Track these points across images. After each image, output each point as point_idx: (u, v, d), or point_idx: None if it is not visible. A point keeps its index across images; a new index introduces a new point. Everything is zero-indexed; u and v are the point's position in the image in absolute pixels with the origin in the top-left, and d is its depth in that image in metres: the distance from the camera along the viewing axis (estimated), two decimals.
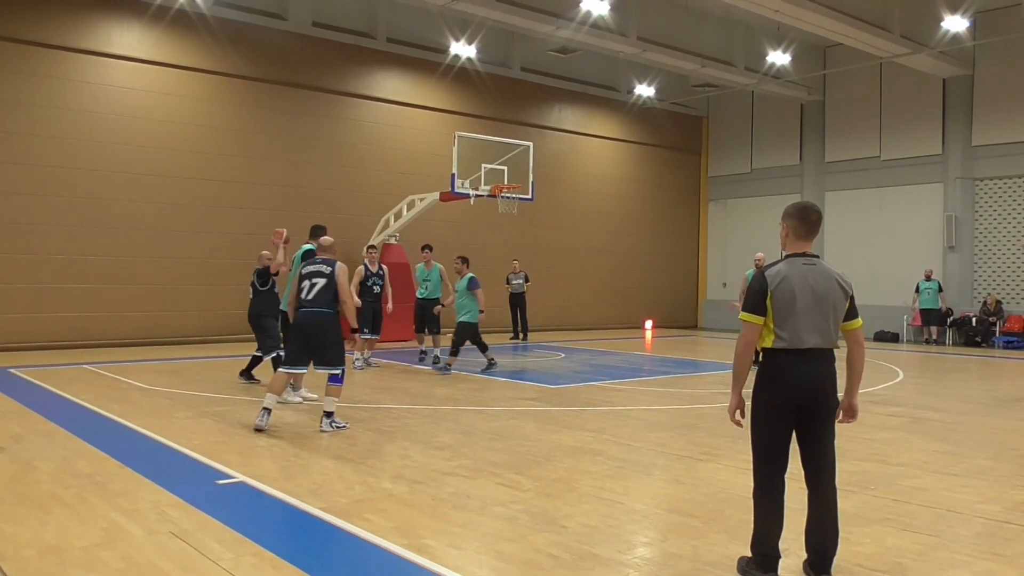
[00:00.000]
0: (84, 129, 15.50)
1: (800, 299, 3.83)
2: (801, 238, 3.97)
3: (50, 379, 10.90)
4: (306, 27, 18.18)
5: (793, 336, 3.83)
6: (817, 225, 3.99)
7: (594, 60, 22.51)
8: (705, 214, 26.71)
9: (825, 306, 3.85)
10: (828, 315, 3.86)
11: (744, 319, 3.95)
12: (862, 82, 22.34)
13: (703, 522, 4.92)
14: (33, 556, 4.21)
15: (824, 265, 3.93)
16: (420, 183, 18.46)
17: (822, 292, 3.85)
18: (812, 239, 3.99)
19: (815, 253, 4.00)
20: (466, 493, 5.50)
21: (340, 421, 7.70)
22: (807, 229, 3.96)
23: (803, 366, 3.85)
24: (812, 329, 3.83)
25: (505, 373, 11.60)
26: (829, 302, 3.86)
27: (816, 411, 3.87)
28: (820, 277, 3.87)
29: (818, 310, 3.84)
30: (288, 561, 4.14)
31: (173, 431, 7.49)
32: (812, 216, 3.98)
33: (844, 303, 3.92)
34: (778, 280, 3.86)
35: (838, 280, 3.91)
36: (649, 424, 8.30)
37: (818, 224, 3.99)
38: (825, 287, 3.86)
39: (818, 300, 3.84)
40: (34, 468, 6.07)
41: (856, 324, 3.99)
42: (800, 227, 3.97)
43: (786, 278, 3.85)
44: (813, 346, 3.84)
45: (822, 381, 3.87)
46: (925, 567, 4.21)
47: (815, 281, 3.86)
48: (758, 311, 3.89)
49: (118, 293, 15.81)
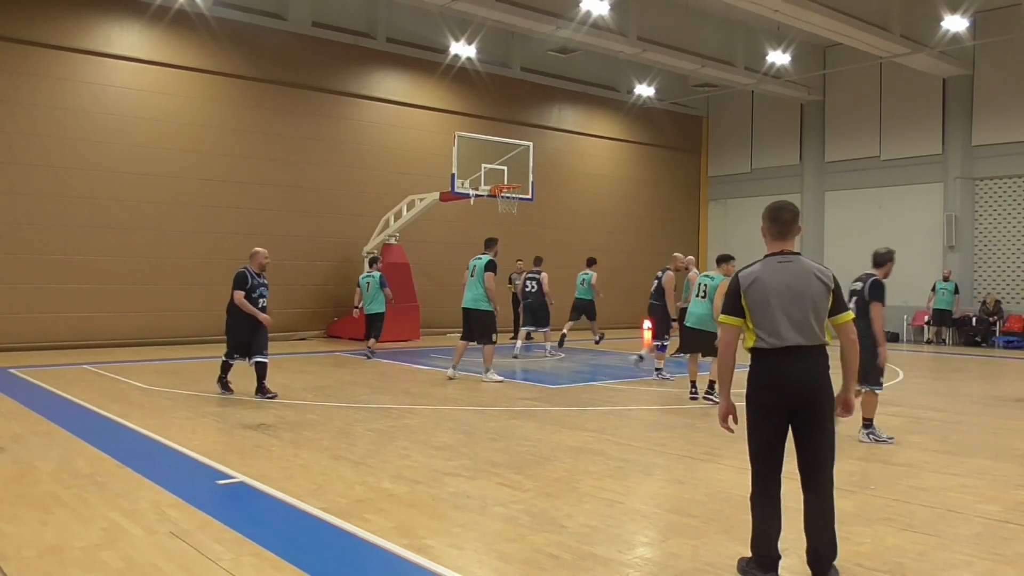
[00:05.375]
0: (84, 129, 15.50)
1: (774, 297, 3.84)
2: (775, 238, 3.99)
3: (50, 379, 10.90)
4: (306, 27, 18.18)
5: (773, 334, 3.83)
6: (790, 224, 3.97)
7: (594, 60, 22.52)
8: (705, 214, 26.71)
9: (803, 302, 3.82)
10: (807, 311, 3.82)
11: (720, 321, 4.02)
12: (862, 82, 22.35)
13: (703, 522, 4.92)
14: (33, 556, 4.21)
15: (803, 261, 3.91)
16: (420, 183, 18.46)
17: (799, 288, 3.83)
18: (789, 238, 3.99)
19: (794, 251, 3.98)
20: (466, 493, 5.50)
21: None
22: (779, 229, 3.97)
23: (788, 365, 3.83)
24: (791, 326, 3.81)
25: (505, 373, 11.59)
26: (807, 298, 3.82)
27: (807, 411, 3.82)
28: (796, 273, 3.86)
29: (795, 307, 3.82)
30: (288, 561, 4.15)
31: (173, 431, 7.49)
32: (784, 215, 3.98)
33: (825, 297, 3.86)
34: (750, 280, 3.91)
35: (816, 274, 3.87)
36: (649, 424, 8.30)
37: (791, 223, 3.98)
38: (803, 283, 3.84)
39: (795, 297, 3.82)
40: (34, 468, 6.07)
41: (844, 318, 3.92)
42: (772, 227, 4.00)
43: (758, 278, 3.89)
44: (795, 344, 3.81)
45: (809, 379, 3.82)
46: (925, 567, 4.21)
47: (791, 278, 3.85)
48: (733, 312, 3.95)
49: (118, 293, 15.81)
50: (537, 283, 15.47)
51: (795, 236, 4.01)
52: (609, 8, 16.55)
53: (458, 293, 20.56)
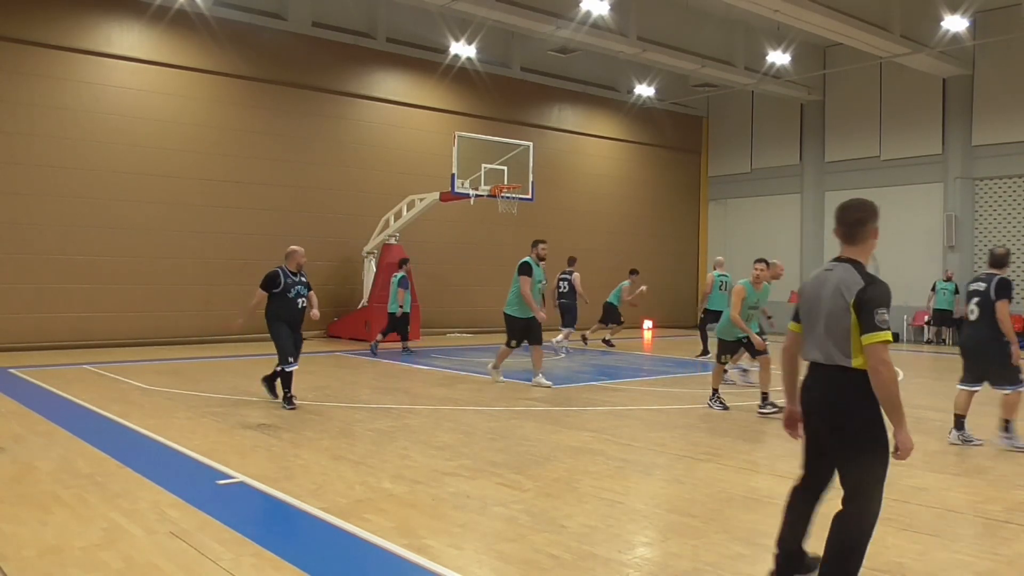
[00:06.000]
0: (84, 129, 15.50)
1: (803, 308, 3.74)
2: (839, 240, 3.70)
3: (50, 379, 10.89)
4: (306, 27, 18.18)
5: (804, 347, 3.72)
6: (852, 226, 3.64)
7: (594, 60, 22.51)
8: (705, 214, 26.71)
9: (820, 317, 3.58)
10: (822, 327, 3.56)
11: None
12: (862, 82, 22.34)
13: (703, 522, 4.92)
14: (33, 556, 4.21)
15: (838, 271, 3.58)
16: (420, 183, 18.46)
17: (820, 302, 3.60)
18: (852, 242, 3.64)
19: (849, 258, 3.61)
20: (466, 493, 5.50)
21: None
22: (840, 231, 3.68)
23: (809, 382, 3.66)
24: (813, 342, 3.63)
25: (505, 373, 11.59)
26: (822, 312, 3.57)
27: (829, 436, 3.59)
28: (825, 285, 3.60)
29: (816, 321, 3.61)
30: (288, 561, 4.14)
31: (173, 431, 7.49)
32: (846, 216, 3.67)
33: (844, 315, 3.47)
34: (800, 287, 3.82)
35: (840, 288, 3.50)
36: (649, 424, 8.30)
37: (854, 224, 3.63)
38: (825, 296, 3.57)
39: (816, 310, 3.62)
40: (34, 468, 6.07)
41: (868, 339, 3.39)
42: (836, 228, 3.72)
43: (803, 286, 3.78)
44: (815, 360, 3.62)
45: (824, 402, 3.57)
46: (925, 567, 4.21)
47: (821, 289, 3.61)
48: (795, 317, 3.83)
49: (118, 293, 15.81)
50: (568, 283, 15.53)
51: (864, 240, 3.63)
52: (609, 8, 16.55)
53: (458, 293, 20.83)
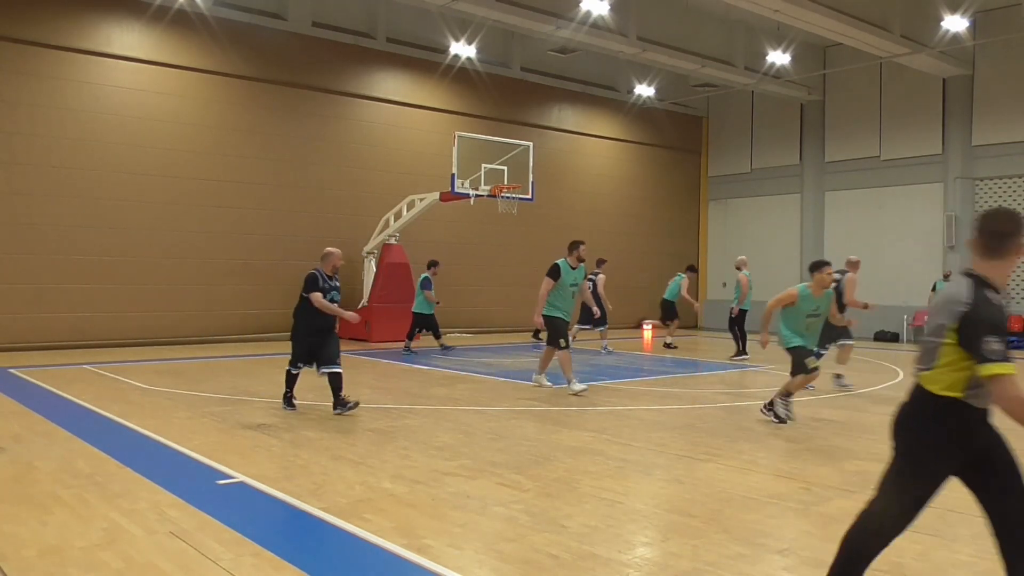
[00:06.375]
0: (84, 129, 15.50)
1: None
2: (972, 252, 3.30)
3: (50, 379, 10.90)
4: (306, 27, 18.18)
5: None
6: (990, 236, 3.17)
7: (594, 60, 22.52)
8: (705, 214, 26.71)
9: (925, 332, 3.30)
10: (923, 343, 3.28)
11: None
12: (862, 82, 22.34)
13: (703, 522, 4.92)
14: (33, 556, 4.20)
15: (954, 284, 3.21)
16: (420, 183, 18.47)
17: (930, 314, 3.31)
18: (979, 253, 3.20)
19: (972, 271, 3.18)
20: (466, 493, 5.50)
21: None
22: (975, 241, 3.25)
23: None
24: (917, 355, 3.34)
25: (505, 373, 11.58)
26: (930, 326, 3.25)
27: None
28: (940, 297, 3.26)
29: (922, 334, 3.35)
30: (288, 561, 4.14)
31: (173, 431, 7.49)
32: (982, 225, 3.22)
33: (941, 333, 3.13)
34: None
35: (949, 304, 3.12)
36: (649, 424, 8.30)
37: (992, 235, 3.16)
38: (934, 311, 3.24)
39: (927, 323, 3.34)
40: (34, 468, 6.07)
41: (984, 371, 2.94)
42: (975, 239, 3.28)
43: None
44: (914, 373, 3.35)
45: (896, 415, 3.34)
46: (925, 567, 4.21)
47: (936, 302, 3.29)
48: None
49: (118, 293, 15.81)
50: (593, 284, 15.55)
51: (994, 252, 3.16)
52: (609, 8, 16.55)
53: (458, 293, 20.81)
